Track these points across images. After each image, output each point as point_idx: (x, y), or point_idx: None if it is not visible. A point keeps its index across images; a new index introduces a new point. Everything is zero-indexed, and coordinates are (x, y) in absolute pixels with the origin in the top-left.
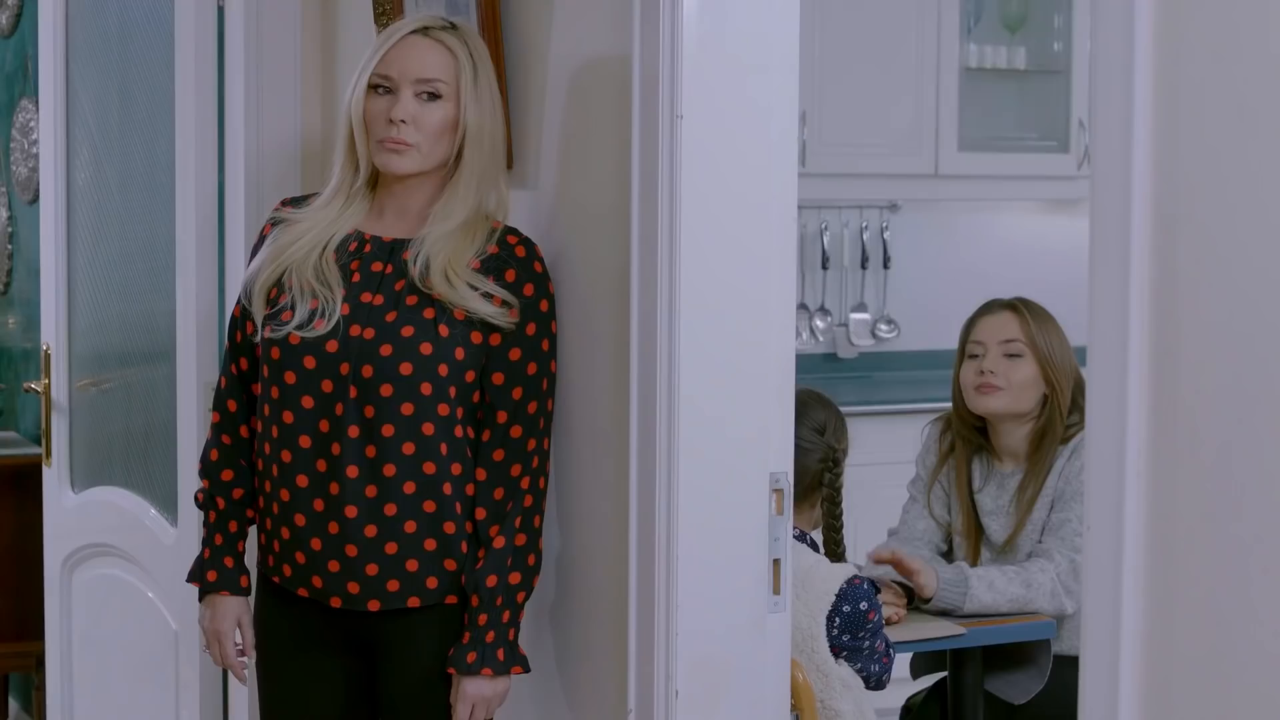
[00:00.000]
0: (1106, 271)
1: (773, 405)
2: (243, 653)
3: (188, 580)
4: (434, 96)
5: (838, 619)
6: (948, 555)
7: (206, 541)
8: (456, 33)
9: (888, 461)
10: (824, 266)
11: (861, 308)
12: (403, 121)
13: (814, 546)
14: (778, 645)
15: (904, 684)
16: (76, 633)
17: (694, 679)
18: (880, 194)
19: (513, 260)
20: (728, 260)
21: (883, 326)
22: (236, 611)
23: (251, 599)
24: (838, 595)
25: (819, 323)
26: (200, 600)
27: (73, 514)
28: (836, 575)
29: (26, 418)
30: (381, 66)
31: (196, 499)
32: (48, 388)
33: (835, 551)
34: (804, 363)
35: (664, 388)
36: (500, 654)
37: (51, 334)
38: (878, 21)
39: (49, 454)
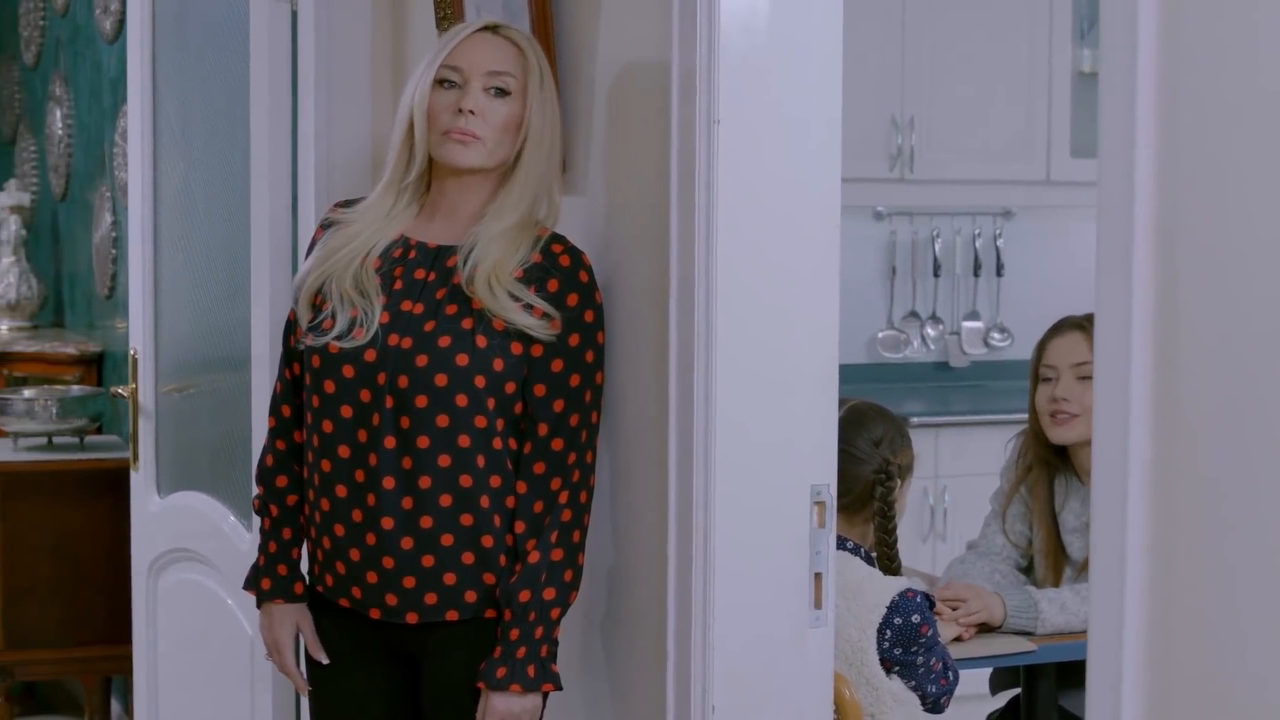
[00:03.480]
0: (1110, 284)
1: (813, 417)
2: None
3: (244, 588)
4: (502, 93)
5: (889, 632)
6: (1028, 572)
7: (261, 548)
8: (526, 36)
9: (999, 472)
10: (935, 274)
11: (974, 316)
12: (471, 112)
13: (870, 560)
14: (819, 660)
15: (984, 700)
16: (162, 637)
17: (731, 694)
18: (991, 200)
19: (556, 269)
20: (765, 269)
21: (995, 335)
22: (293, 619)
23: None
24: (889, 608)
25: (930, 331)
26: (258, 608)
27: (158, 518)
28: (888, 588)
29: (129, 421)
30: (451, 59)
31: (254, 505)
32: (134, 392)
33: (889, 566)
34: (915, 371)
35: (701, 398)
36: (531, 670)
37: (139, 339)
38: (988, 26)
39: (136, 458)
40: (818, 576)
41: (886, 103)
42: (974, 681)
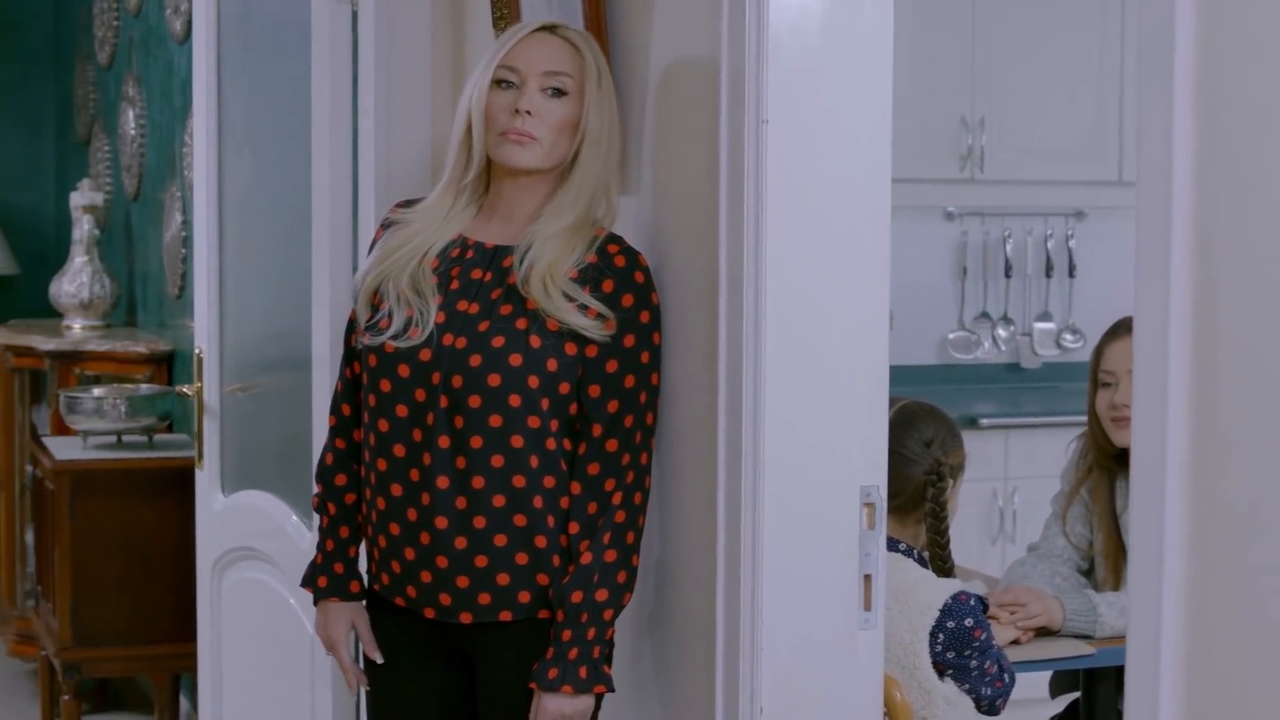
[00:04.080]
0: (1149, 286)
1: (863, 418)
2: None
3: (301, 585)
4: (559, 93)
5: (941, 635)
6: (1089, 574)
7: (319, 546)
8: (584, 36)
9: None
10: (1007, 275)
11: (1045, 316)
12: (528, 113)
13: (922, 561)
14: (869, 662)
15: (1045, 704)
16: (226, 634)
17: (779, 696)
18: (1062, 201)
19: (611, 270)
20: (814, 270)
21: (1068, 336)
22: (348, 617)
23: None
24: (942, 610)
25: (1001, 332)
26: (315, 605)
27: (222, 517)
28: (941, 590)
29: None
30: (508, 59)
31: (313, 503)
32: (199, 391)
33: (941, 567)
34: (986, 372)
35: (749, 399)
36: (583, 672)
37: (204, 338)
38: (1059, 25)
39: (201, 457)
40: (867, 578)
41: (957, 103)
42: (1034, 685)
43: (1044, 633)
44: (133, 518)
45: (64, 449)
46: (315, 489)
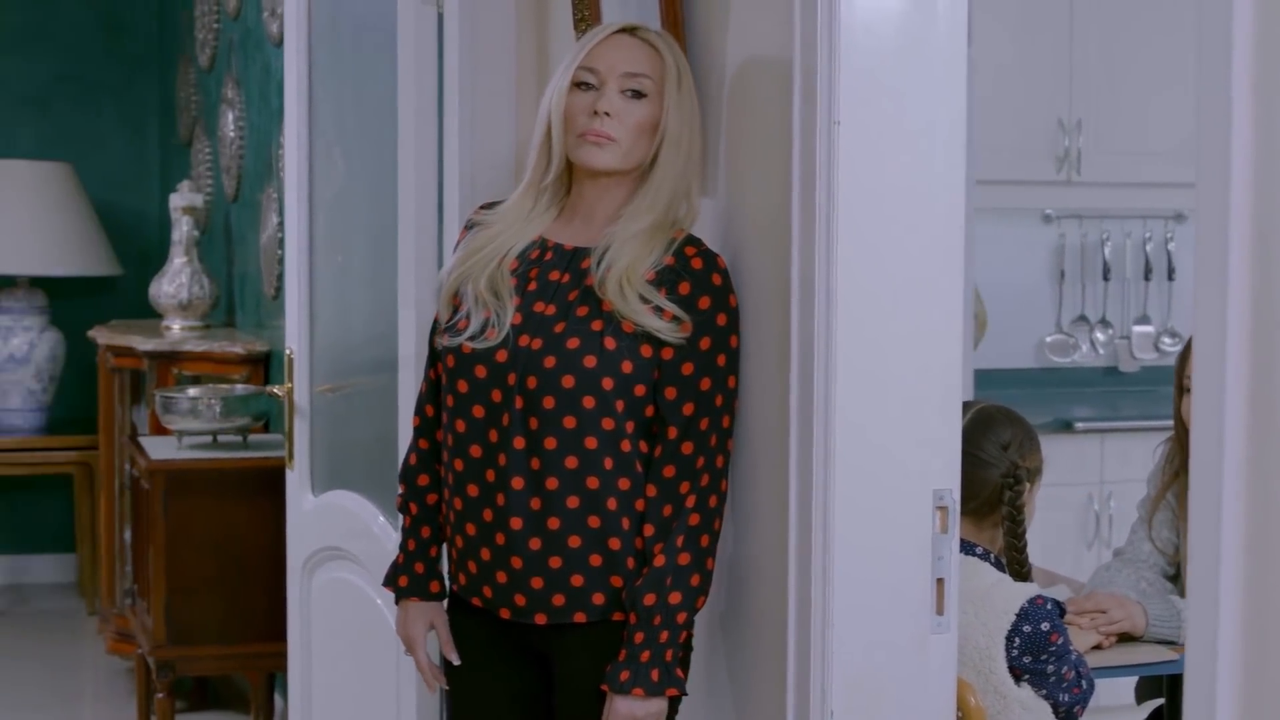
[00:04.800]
0: (1208, 284)
1: (936, 420)
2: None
3: (383, 584)
4: (638, 95)
5: (1017, 639)
6: (1175, 579)
7: (401, 546)
8: (664, 37)
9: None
10: (1105, 278)
11: (1144, 320)
12: (606, 114)
13: (999, 565)
14: (941, 666)
15: (1130, 710)
16: (315, 634)
17: (850, 699)
18: (1161, 203)
19: (687, 272)
20: (886, 273)
21: (1166, 339)
22: (428, 616)
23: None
24: (1018, 615)
25: (1099, 335)
26: (396, 604)
27: (311, 517)
28: (1018, 595)
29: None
30: (588, 61)
31: (397, 503)
32: (290, 392)
33: (1019, 572)
34: (1083, 376)
35: (821, 402)
36: (655, 674)
37: (295, 339)
38: (1156, 26)
39: (291, 457)
40: (940, 582)
41: (1053, 105)
42: (1120, 691)
43: (1128, 638)
44: (226, 517)
45: (160, 449)
46: (399, 489)
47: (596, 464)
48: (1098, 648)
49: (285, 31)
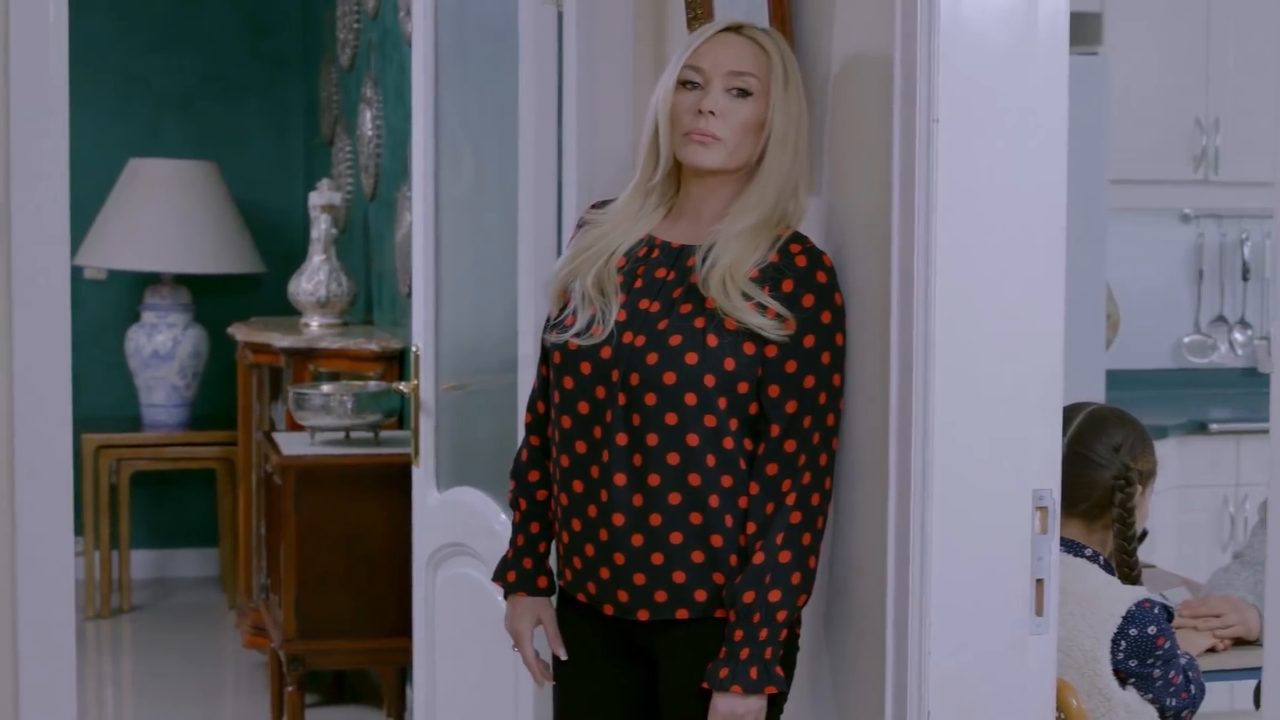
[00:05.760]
0: None
1: (1036, 420)
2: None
3: (492, 579)
4: (744, 94)
5: (1123, 642)
6: None
7: (511, 541)
8: (771, 35)
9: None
10: (1244, 278)
11: None
12: (711, 113)
13: (1109, 568)
14: (1041, 668)
15: (1249, 716)
16: (440, 629)
17: (947, 699)
18: None
19: (791, 270)
20: (985, 272)
21: None
22: (534, 611)
23: (554, 599)
24: (1124, 618)
25: (1238, 336)
26: (504, 599)
27: (436, 513)
28: (1125, 597)
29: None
30: (693, 60)
31: (508, 498)
32: (416, 389)
33: (1128, 575)
34: (1222, 377)
35: (919, 400)
36: (753, 672)
37: (421, 336)
38: None
39: (417, 453)
40: (1039, 583)
41: (1190, 104)
42: (1239, 695)
43: (1243, 642)
44: (356, 513)
45: (293, 444)
46: (509, 485)
47: (698, 461)
48: (1212, 651)
49: (414, 31)
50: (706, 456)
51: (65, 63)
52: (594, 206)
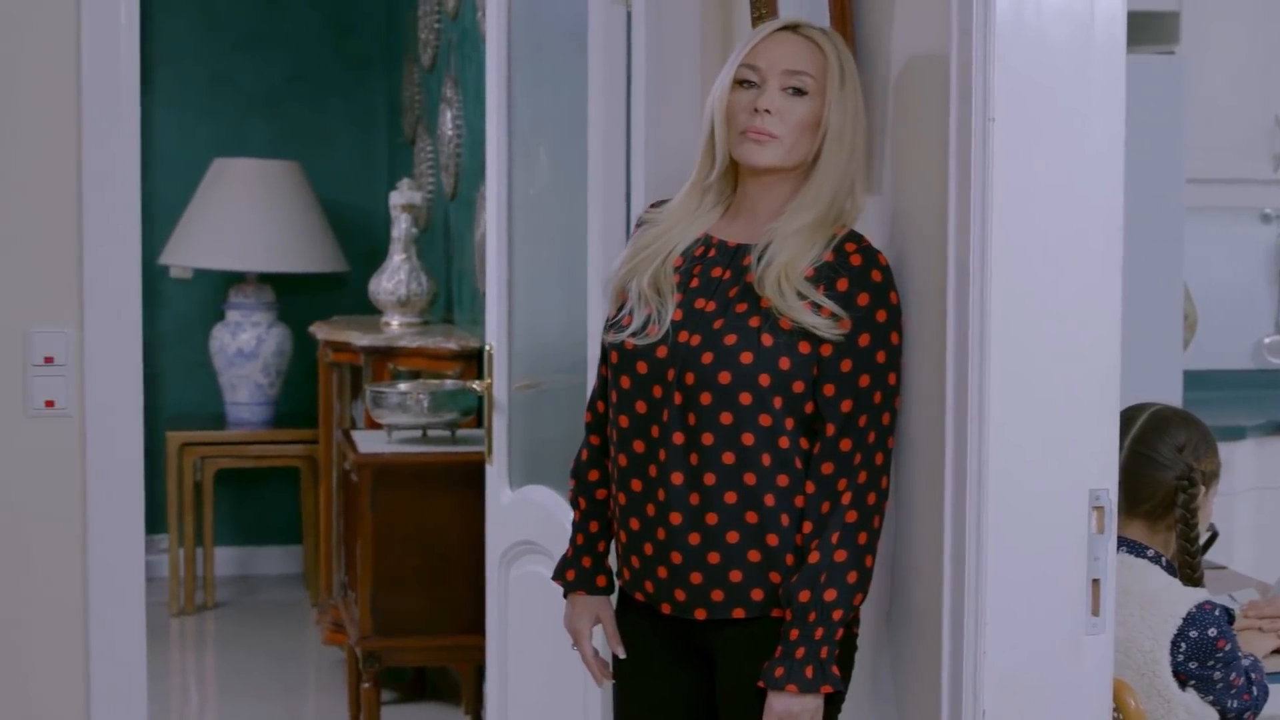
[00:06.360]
0: None
1: (1092, 421)
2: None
3: (552, 578)
4: (799, 93)
5: (1183, 644)
6: None
7: (570, 540)
8: (828, 35)
9: None
10: None
11: None
12: (767, 111)
13: (1170, 569)
14: (1097, 668)
15: None
16: (512, 627)
17: (1002, 699)
18: None
19: (846, 269)
20: (1040, 271)
21: None
22: (593, 610)
23: (614, 598)
24: (1184, 619)
25: None
26: (564, 598)
27: (509, 511)
28: (1185, 599)
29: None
30: (750, 58)
31: (569, 497)
32: (489, 387)
33: (1190, 576)
34: None
35: (975, 400)
36: (809, 671)
37: (494, 335)
38: None
39: (490, 451)
40: (1095, 583)
41: (1269, 102)
42: None
43: None
44: (431, 511)
45: (370, 443)
46: (570, 484)
47: (754, 460)
48: (1278, 652)
49: (487, 32)
50: (762, 455)
51: (136, 63)
52: (652, 206)
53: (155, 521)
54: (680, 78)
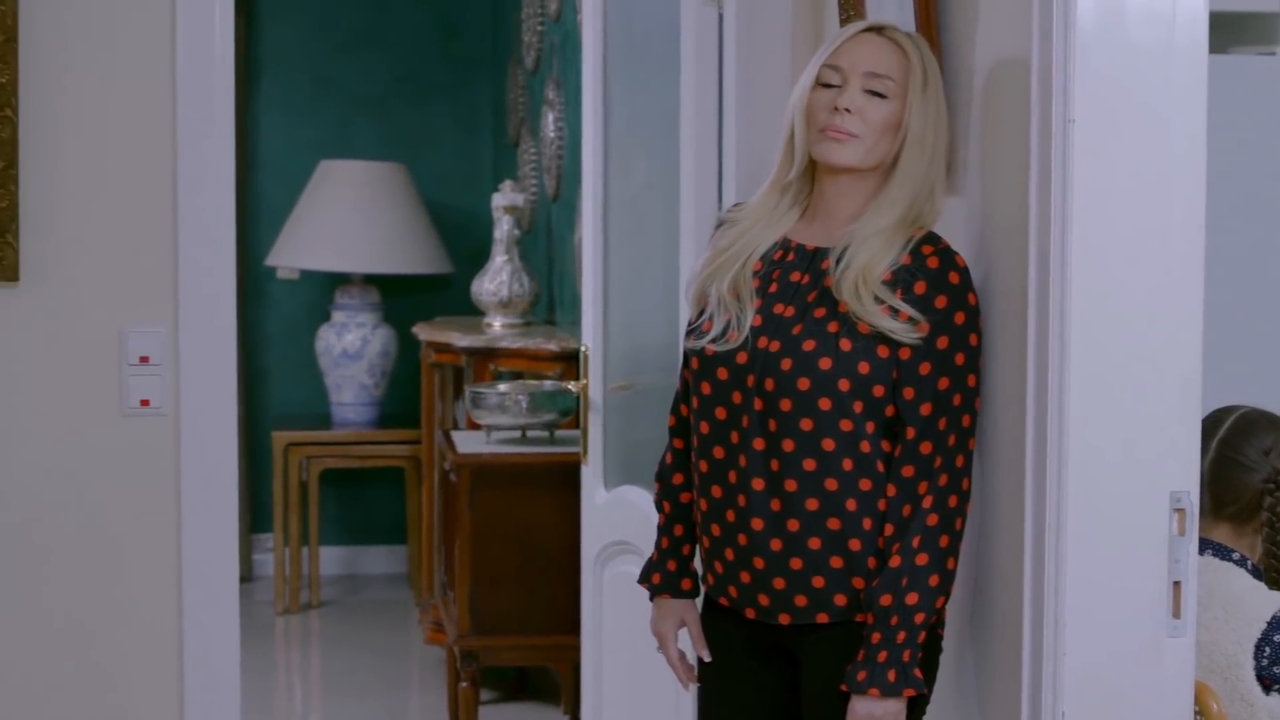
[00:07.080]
0: None
1: (1174, 422)
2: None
3: (639, 582)
4: (879, 96)
5: (1267, 649)
6: None
7: (655, 543)
8: (912, 38)
9: None
10: None
11: None
12: (847, 110)
13: (1256, 573)
14: (1178, 671)
15: None
16: (606, 627)
17: (1082, 701)
18: None
19: (923, 271)
20: (1121, 273)
21: None
22: (678, 614)
23: (700, 601)
24: (1269, 623)
25: None
26: (650, 601)
27: (603, 511)
28: (1271, 602)
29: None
30: (832, 59)
31: (654, 500)
32: (585, 388)
33: (1277, 581)
34: None
35: (1055, 402)
36: (891, 675)
37: (590, 336)
38: None
39: (585, 451)
40: (1176, 585)
41: None
42: None
43: None
44: (529, 511)
45: (469, 443)
46: (654, 487)
47: (835, 465)
48: None
49: (583, 32)
50: (843, 461)
51: (230, 66)
52: (733, 207)
53: (261, 521)
54: (771, 78)
